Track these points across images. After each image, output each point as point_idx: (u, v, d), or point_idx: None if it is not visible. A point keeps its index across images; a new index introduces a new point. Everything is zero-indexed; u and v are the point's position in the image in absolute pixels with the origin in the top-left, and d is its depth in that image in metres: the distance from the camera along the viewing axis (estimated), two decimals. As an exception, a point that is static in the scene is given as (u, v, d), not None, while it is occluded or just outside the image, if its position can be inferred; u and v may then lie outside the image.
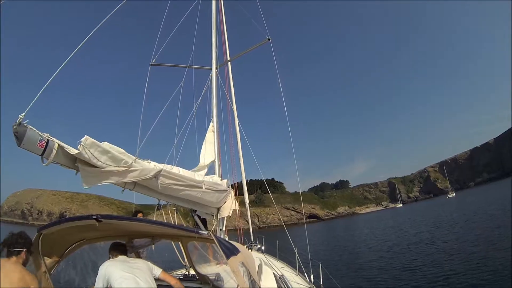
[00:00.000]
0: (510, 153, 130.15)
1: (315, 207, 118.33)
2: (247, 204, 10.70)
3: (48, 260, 3.64)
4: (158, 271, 3.50)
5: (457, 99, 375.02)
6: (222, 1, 9.78)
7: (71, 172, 2.98)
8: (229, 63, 10.30)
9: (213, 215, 6.03)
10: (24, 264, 3.18)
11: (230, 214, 5.96)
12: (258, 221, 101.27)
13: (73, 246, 3.98)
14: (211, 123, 7.30)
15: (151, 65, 7.46)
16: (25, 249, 3.16)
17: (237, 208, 6.23)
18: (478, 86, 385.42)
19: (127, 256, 3.67)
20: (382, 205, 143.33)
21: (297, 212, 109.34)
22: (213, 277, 5.09)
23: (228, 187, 6.04)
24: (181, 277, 5.29)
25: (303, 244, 8.43)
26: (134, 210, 6.73)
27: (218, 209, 5.91)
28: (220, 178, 6.61)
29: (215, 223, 6.27)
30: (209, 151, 6.72)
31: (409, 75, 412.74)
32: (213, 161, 6.71)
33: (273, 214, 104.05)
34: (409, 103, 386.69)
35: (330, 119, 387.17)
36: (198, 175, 5.38)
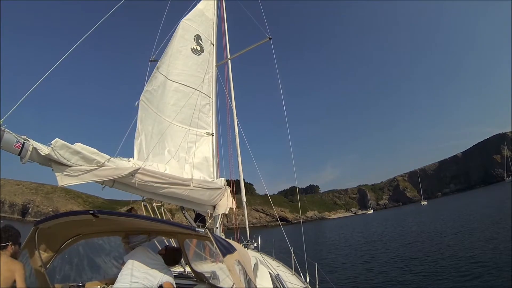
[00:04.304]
0: (477, 167, 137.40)
1: (284, 210, 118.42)
2: (244, 203, 10.77)
3: (44, 255, 3.67)
4: (165, 279, 3.31)
5: (429, 114, 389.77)
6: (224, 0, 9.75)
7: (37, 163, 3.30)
8: (229, 61, 10.26)
9: (208, 213, 6.02)
10: (14, 256, 3.16)
11: (226, 212, 5.97)
12: (227, 222, 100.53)
13: (69, 241, 4.00)
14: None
15: (150, 61, 7.38)
16: (10, 243, 3.15)
17: (234, 206, 6.24)
18: (450, 103, 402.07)
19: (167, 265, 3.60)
20: (352, 211, 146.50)
21: (267, 214, 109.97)
22: (209, 275, 5.10)
23: (225, 185, 6.04)
24: (177, 275, 5.25)
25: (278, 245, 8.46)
26: (128, 207, 6.64)
27: (214, 206, 5.90)
28: (217, 175, 6.63)
29: (210, 221, 6.26)
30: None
31: (385, 88, 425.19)
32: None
33: (242, 216, 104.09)
34: (382, 115, 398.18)
35: (303, 125, 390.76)
36: (187, 173, 5.47)
